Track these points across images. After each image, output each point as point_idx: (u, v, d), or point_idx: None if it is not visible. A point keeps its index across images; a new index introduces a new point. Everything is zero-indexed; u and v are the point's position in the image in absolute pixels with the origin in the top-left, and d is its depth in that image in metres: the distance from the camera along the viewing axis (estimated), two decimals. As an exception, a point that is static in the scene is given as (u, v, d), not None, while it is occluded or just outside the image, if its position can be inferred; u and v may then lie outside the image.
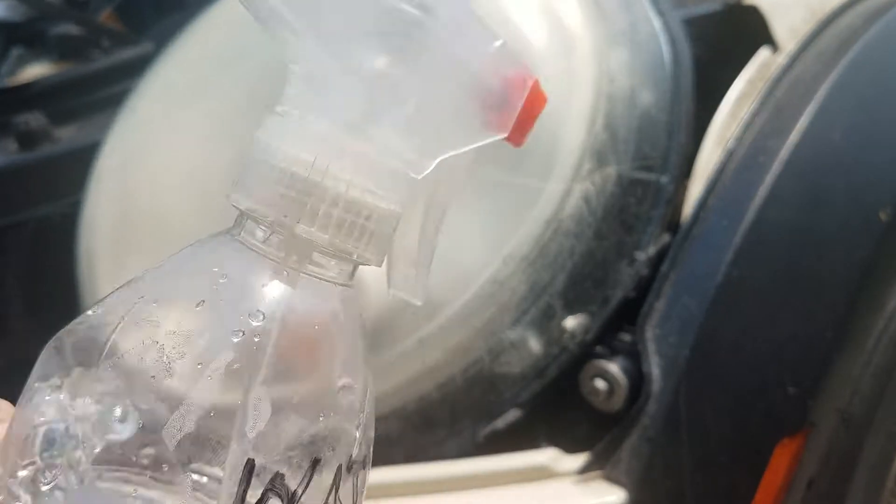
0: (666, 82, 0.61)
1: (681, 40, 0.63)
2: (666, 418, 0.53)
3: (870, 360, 0.63)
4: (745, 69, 0.66)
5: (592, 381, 0.55)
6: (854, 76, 0.65)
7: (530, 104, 0.28)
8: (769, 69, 0.67)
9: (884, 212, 0.61)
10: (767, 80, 0.65)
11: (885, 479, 0.65)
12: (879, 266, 0.62)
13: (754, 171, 0.59)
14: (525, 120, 0.28)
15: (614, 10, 0.63)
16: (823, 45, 0.67)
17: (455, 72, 0.26)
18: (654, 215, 0.59)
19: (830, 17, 0.70)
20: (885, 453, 0.64)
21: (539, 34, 0.58)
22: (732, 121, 0.63)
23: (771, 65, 0.67)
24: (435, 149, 0.26)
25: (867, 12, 0.71)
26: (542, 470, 0.54)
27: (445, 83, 0.26)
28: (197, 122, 0.66)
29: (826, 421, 0.60)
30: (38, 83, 0.99)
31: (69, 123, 0.95)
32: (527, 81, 0.27)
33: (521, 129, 0.28)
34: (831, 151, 0.62)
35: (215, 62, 0.69)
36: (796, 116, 0.61)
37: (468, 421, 0.56)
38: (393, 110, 0.25)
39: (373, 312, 0.53)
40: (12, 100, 0.98)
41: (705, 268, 0.56)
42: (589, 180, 0.56)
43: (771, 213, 0.58)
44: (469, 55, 0.26)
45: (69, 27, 1.15)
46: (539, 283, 0.55)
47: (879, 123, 0.65)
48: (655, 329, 0.55)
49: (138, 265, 0.68)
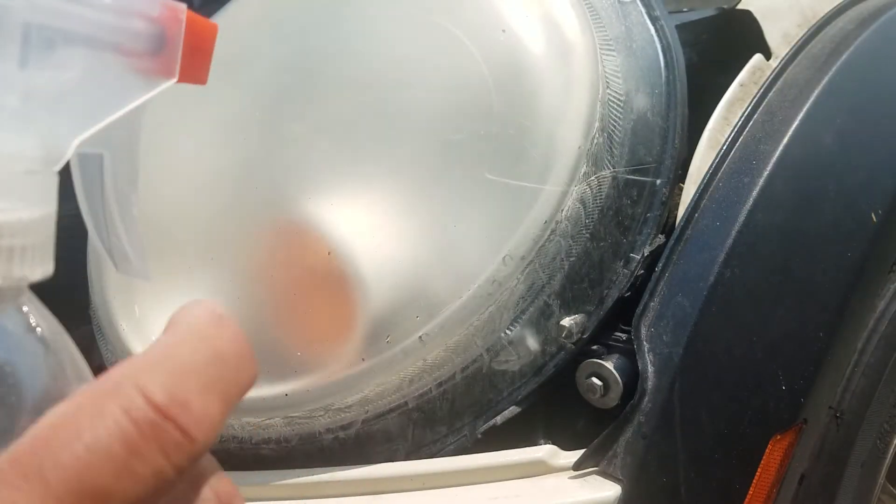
0: (660, 87, 0.62)
1: (675, 46, 0.64)
2: (660, 415, 0.54)
3: (861, 359, 0.64)
4: (739, 74, 0.67)
5: (588, 378, 0.56)
6: (846, 81, 0.66)
7: (195, 36, 0.25)
8: (762, 74, 0.68)
9: (875, 213, 0.62)
10: (760, 84, 0.66)
11: (877, 476, 0.66)
12: (870, 266, 0.63)
13: (747, 173, 0.60)
14: (195, 54, 0.25)
15: (610, 17, 0.64)
16: (816, 50, 0.68)
17: (69, 41, 0.23)
18: (649, 217, 0.60)
19: (822, 22, 0.72)
20: (875, 450, 0.65)
21: (536, 40, 0.59)
22: (726, 125, 0.64)
23: (764, 69, 0.68)
24: (72, 130, 0.24)
25: (859, 18, 0.72)
26: (539, 465, 0.55)
27: (62, 57, 0.23)
28: (204, 125, 0.67)
29: (818, 418, 0.61)
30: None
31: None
32: (178, 14, 0.25)
33: (197, 66, 0.26)
34: (823, 154, 0.63)
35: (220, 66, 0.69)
36: (788, 120, 0.62)
37: (467, 417, 0.57)
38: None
39: (373, 311, 0.54)
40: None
41: (698, 268, 0.57)
42: (585, 183, 0.57)
43: (763, 215, 0.59)
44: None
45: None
46: (537, 283, 0.56)
47: (871, 127, 0.66)
48: (650, 328, 0.56)
49: (146, 266, 0.68)
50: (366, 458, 0.57)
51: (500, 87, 0.57)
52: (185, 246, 0.62)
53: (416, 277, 0.55)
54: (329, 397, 0.56)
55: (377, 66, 0.62)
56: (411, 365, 0.55)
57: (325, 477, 0.56)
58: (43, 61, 0.23)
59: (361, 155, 0.59)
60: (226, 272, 0.60)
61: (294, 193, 0.59)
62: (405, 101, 0.60)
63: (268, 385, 0.56)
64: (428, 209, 0.56)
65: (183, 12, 0.24)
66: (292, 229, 0.58)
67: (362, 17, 0.66)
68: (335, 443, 0.58)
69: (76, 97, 0.24)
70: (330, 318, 0.56)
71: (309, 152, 0.60)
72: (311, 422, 0.58)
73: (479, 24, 0.60)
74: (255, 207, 0.60)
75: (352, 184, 0.58)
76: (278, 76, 0.66)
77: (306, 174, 0.60)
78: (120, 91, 0.25)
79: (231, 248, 0.60)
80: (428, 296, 0.54)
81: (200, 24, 0.25)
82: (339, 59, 0.64)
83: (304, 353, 0.56)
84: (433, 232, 0.56)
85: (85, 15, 0.24)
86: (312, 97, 0.63)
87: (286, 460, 0.59)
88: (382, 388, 0.56)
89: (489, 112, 0.57)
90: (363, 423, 0.57)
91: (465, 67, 0.58)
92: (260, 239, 0.59)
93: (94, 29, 0.24)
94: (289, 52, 0.67)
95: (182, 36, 0.25)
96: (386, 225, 0.56)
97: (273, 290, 0.57)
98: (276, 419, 0.58)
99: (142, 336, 0.61)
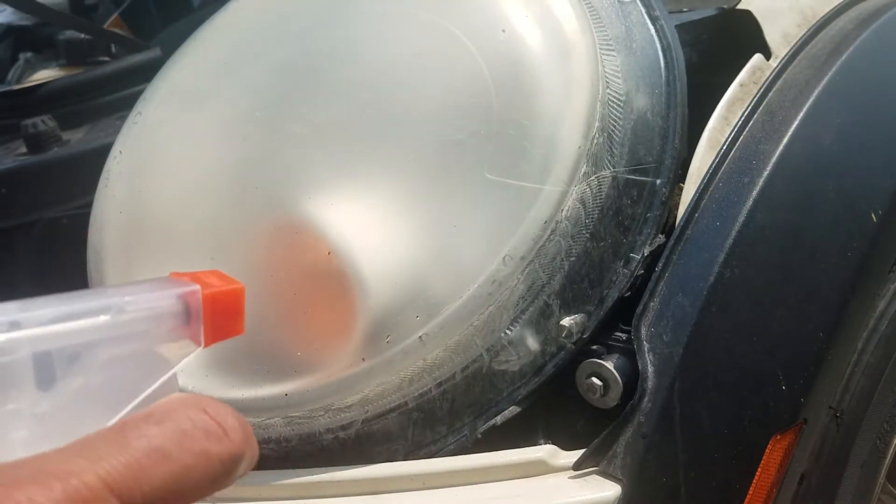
0: (660, 87, 0.62)
1: (675, 45, 0.64)
2: (660, 415, 0.54)
3: (861, 359, 0.64)
4: (739, 74, 0.67)
5: (588, 378, 0.56)
6: (846, 81, 0.66)
7: (220, 303, 0.27)
8: (762, 74, 0.68)
9: (875, 213, 0.62)
10: (760, 84, 0.66)
11: (877, 476, 0.66)
12: (870, 266, 0.63)
13: (747, 173, 0.60)
14: (224, 315, 0.28)
15: (610, 17, 0.64)
16: (816, 50, 0.68)
17: None
18: (649, 217, 0.60)
19: (822, 22, 0.72)
20: (876, 450, 0.65)
21: (536, 40, 0.59)
22: (726, 125, 0.64)
23: (764, 70, 0.68)
24: (98, 422, 0.25)
25: (859, 18, 0.72)
26: (539, 465, 0.55)
27: (85, 363, 0.25)
28: (204, 125, 0.67)
29: (818, 418, 0.61)
30: (47, 87, 1.00)
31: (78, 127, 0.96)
32: (196, 294, 0.27)
33: (228, 326, 0.28)
34: (823, 154, 0.63)
35: (222, 67, 0.70)
36: (788, 120, 0.62)
37: (467, 417, 0.57)
38: None
39: (373, 311, 0.54)
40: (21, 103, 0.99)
41: (698, 268, 0.57)
42: (585, 183, 0.57)
43: (763, 215, 0.59)
44: None
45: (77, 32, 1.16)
46: (537, 282, 0.56)
47: (871, 126, 0.66)
48: (650, 328, 0.56)
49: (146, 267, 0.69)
50: (366, 458, 0.58)
51: (500, 87, 0.57)
52: (185, 246, 0.62)
53: (416, 277, 0.55)
54: (329, 397, 0.56)
55: (377, 65, 0.62)
56: (411, 365, 0.55)
57: (325, 477, 0.56)
58: (67, 373, 0.25)
59: (361, 155, 0.59)
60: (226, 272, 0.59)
61: (294, 193, 0.59)
62: (405, 101, 0.60)
63: (268, 385, 0.56)
64: (428, 209, 0.56)
65: (196, 289, 0.26)
66: (292, 229, 0.58)
67: (362, 16, 0.66)
68: (335, 443, 0.58)
69: (102, 391, 0.26)
70: (330, 318, 0.56)
71: (309, 152, 0.60)
72: (311, 422, 0.58)
73: (479, 24, 0.60)
74: (255, 207, 0.60)
75: (352, 184, 0.58)
76: (279, 76, 0.66)
77: (306, 174, 0.60)
78: (146, 370, 0.27)
79: (231, 247, 0.60)
80: (428, 296, 0.54)
81: (225, 293, 0.27)
82: (339, 58, 0.64)
83: (304, 353, 0.56)
84: (433, 232, 0.56)
85: (105, 325, 0.26)
86: (312, 97, 0.63)
87: (286, 460, 0.59)
88: (382, 388, 0.56)
89: (489, 112, 0.57)
90: (363, 423, 0.57)
91: (465, 67, 0.58)
92: (260, 239, 0.59)
93: (117, 331, 0.26)
94: (289, 52, 0.67)
95: (202, 312, 0.27)
96: (386, 225, 0.56)
97: (273, 290, 0.57)
98: (276, 419, 0.58)
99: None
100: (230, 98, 0.66)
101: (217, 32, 0.73)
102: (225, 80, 0.68)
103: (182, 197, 0.64)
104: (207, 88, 0.69)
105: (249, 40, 0.70)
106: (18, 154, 0.92)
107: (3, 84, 1.28)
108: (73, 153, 0.89)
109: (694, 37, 0.71)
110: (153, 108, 0.71)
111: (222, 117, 0.66)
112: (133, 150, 0.69)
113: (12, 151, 0.93)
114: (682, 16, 0.73)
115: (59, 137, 0.92)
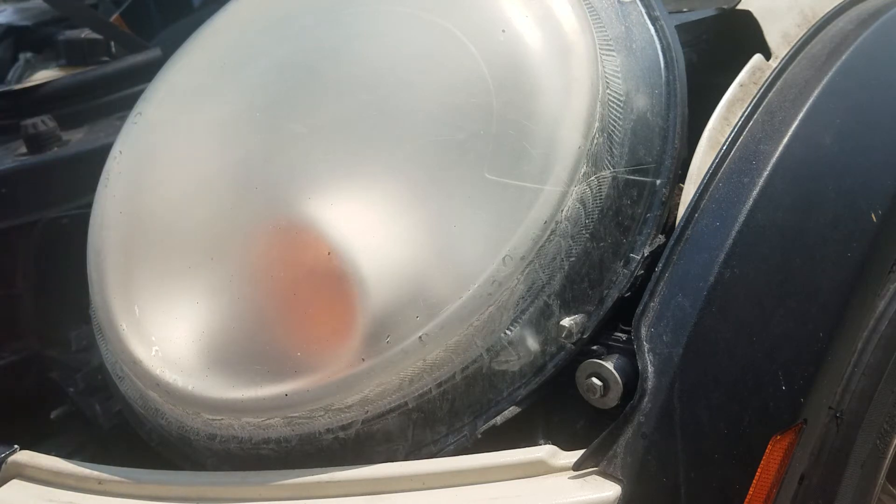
0: (660, 87, 0.62)
1: (675, 46, 0.64)
2: (660, 415, 0.54)
3: (861, 359, 0.64)
4: (739, 74, 0.67)
5: (588, 378, 0.56)
6: (845, 81, 0.66)
7: None
8: (762, 74, 0.68)
9: (875, 213, 0.62)
10: (760, 84, 0.66)
11: (877, 476, 0.66)
12: (870, 266, 0.63)
13: (747, 173, 0.60)
14: None
15: (610, 17, 0.64)
16: (815, 50, 0.68)
17: None
18: (649, 217, 0.60)
19: (822, 22, 0.72)
20: (876, 450, 0.65)
21: (536, 40, 0.59)
22: (726, 125, 0.64)
23: (764, 70, 0.68)
24: None
25: (859, 18, 0.72)
26: (539, 465, 0.54)
27: None
28: (204, 125, 0.67)
29: (818, 418, 0.61)
30: (47, 87, 1.00)
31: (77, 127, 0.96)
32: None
33: None
34: (823, 154, 0.63)
35: (222, 67, 0.70)
36: (788, 120, 0.62)
37: (467, 417, 0.57)
38: None
39: (373, 311, 0.54)
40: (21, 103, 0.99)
41: (698, 268, 0.57)
42: (585, 183, 0.57)
43: (763, 215, 0.59)
44: None
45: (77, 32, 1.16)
46: (537, 283, 0.56)
47: (870, 127, 0.66)
48: (650, 328, 0.56)
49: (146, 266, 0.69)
50: (366, 458, 0.58)
51: (500, 88, 0.57)
52: (185, 246, 0.62)
53: (415, 277, 0.55)
54: (329, 397, 0.56)
55: (377, 66, 0.62)
56: (411, 365, 0.55)
57: (325, 477, 0.56)
58: None
59: (361, 155, 0.59)
60: (226, 272, 0.60)
61: (294, 193, 0.59)
62: (405, 101, 0.60)
63: (268, 385, 0.56)
64: (428, 209, 0.56)
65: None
66: (292, 229, 0.58)
67: (362, 17, 0.66)
68: (335, 443, 0.58)
69: None
70: (330, 318, 0.56)
71: (309, 152, 0.60)
72: (311, 422, 0.58)
73: (479, 24, 0.60)
74: (255, 207, 0.60)
75: (352, 184, 0.58)
76: (278, 76, 0.66)
77: (306, 174, 0.60)
78: None
79: (231, 248, 0.60)
80: (428, 296, 0.54)
81: None
82: (339, 59, 0.64)
83: (304, 353, 0.56)
84: (433, 232, 0.56)
85: None
86: (313, 97, 0.63)
87: (286, 460, 0.59)
88: (382, 389, 0.56)
89: (489, 112, 0.57)
90: (363, 423, 0.57)
91: (465, 67, 0.59)
92: (260, 239, 0.59)
93: None
94: (289, 53, 0.67)
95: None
96: (386, 225, 0.56)
97: (273, 290, 0.57)
98: (276, 419, 0.58)
99: (142, 336, 0.61)
100: (230, 98, 0.67)
101: (217, 32, 0.73)
102: (225, 80, 0.68)
103: (182, 197, 0.64)
104: (207, 88, 0.69)
105: (249, 40, 0.70)
106: (18, 154, 0.92)
107: (3, 84, 1.28)
108: (73, 153, 0.89)
109: (694, 37, 0.71)
110: (153, 108, 0.71)
111: (222, 117, 0.66)
112: (133, 150, 0.69)
113: (12, 151, 0.93)
114: (682, 16, 0.73)
115: (59, 137, 0.92)
